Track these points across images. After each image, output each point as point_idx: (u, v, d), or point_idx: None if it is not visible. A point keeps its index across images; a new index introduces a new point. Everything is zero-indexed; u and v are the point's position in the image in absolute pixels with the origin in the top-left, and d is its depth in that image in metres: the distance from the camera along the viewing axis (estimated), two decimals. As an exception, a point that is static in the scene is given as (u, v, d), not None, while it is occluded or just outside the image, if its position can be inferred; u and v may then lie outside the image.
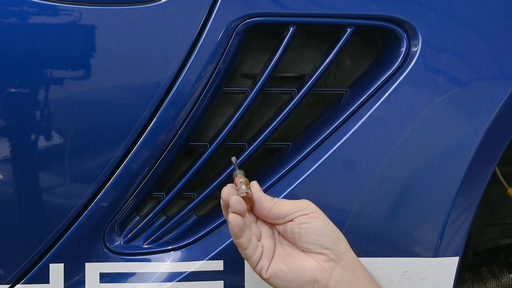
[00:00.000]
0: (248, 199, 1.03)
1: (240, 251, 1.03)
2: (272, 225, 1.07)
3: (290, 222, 1.03)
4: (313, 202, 1.07)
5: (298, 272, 1.02)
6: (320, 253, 1.03)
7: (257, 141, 1.15)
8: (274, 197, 1.07)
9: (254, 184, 1.06)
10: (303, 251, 1.04)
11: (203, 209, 1.21)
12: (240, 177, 1.05)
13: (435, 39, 1.12)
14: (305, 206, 1.04)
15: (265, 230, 1.06)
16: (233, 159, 1.08)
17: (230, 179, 1.10)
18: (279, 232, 1.06)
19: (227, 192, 1.02)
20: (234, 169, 1.08)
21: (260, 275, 1.03)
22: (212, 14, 1.08)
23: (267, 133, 1.15)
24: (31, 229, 1.11)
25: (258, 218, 1.06)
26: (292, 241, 1.04)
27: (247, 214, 1.03)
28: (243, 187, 1.03)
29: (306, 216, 1.03)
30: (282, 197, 1.13)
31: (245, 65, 1.19)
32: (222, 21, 1.09)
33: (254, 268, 1.03)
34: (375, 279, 1.07)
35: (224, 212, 1.06)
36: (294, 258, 1.03)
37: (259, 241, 1.04)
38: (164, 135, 1.11)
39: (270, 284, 1.04)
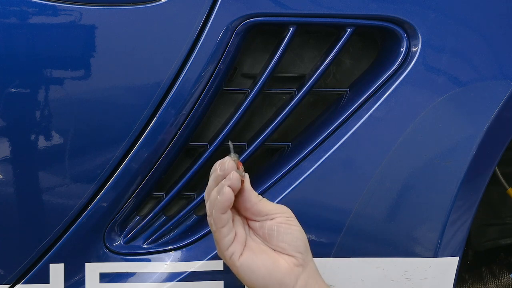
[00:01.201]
0: (241, 183, 1.01)
1: (214, 229, 1.01)
2: (245, 219, 1.06)
3: (269, 221, 1.03)
4: (313, 202, 1.08)
5: (270, 270, 1.01)
6: (292, 256, 1.02)
7: (257, 141, 1.15)
8: (262, 196, 1.06)
9: (246, 176, 1.06)
10: (274, 250, 1.03)
11: (203, 209, 1.20)
12: (240, 163, 1.03)
13: (435, 39, 1.12)
14: (286, 210, 1.05)
15: (237, 219, 1.04)
16: (230, 143, 1.05)
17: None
18: (250, 228, 1.05)
19: (231, 165, 1.00)
20: (232, 151, 1.04)
21: (230, 260, 1.01)
22: (212, 14, 1.08)
23: (267, 133, 1.15)
24: (31, 229, 1.11)
25: (237, 209, 1.05)
26: (267, 238, 1.03)
27: None
28: (243, 173, 1.02)
29: (287, 219, 1.03)
30: (282, 197, 1.13)
31: (245, 65, 1.19)
32: (222, 21, 1.09)
33: (224, 251, 1.01)
34: None
35: (212, 183, 1.02)
36: (268, 255, 1.03)
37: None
38: (164, 135, 1.11)
39: (237, 273, 1.02)
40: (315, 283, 1.03)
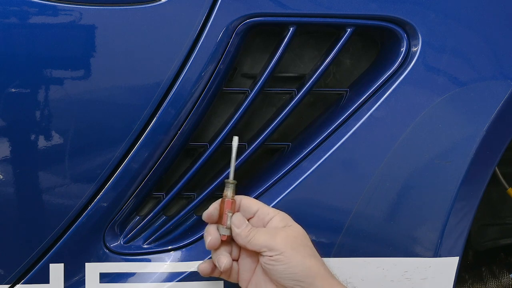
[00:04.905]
0: (229, 237, 1.08)
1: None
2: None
3: (261, 257, 1.05)
4: (313, 202, 1.08)
5: None
6: (290, 286, 1.03)
7: (257, 141, 1.15)
8: (265, 202, 1.09)
9: (238, 216, 1.08)
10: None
11: (203, 209, 1.20)
12: (228, 203, 1.08)
13: (435, 39, 1.12)
14: (273, 246, 1.03)
15: (248, 263, 1.09)
16: (235, 139, 1.09)
17: (230, 179, 1.10)
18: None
19: (203, 268, 1.10)
20: (226, 188, 1.09)
21: None
22: (212, 14, 1.08)
23: (267, 133, 1.15)
24: (31, 229, 1.11)
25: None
26: (267, 273, 1.05)
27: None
28: (228, 222, 1.07)
29: (269, 258, 1.03)
30: (282, 197, 1.13)
31: (245, 65, 1.18)
32: (222, 21, 1.09)
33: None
34: None
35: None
36: (267, 285, 1.06)
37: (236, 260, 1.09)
38: (164, 135, 1.11)
39: None
40: None
